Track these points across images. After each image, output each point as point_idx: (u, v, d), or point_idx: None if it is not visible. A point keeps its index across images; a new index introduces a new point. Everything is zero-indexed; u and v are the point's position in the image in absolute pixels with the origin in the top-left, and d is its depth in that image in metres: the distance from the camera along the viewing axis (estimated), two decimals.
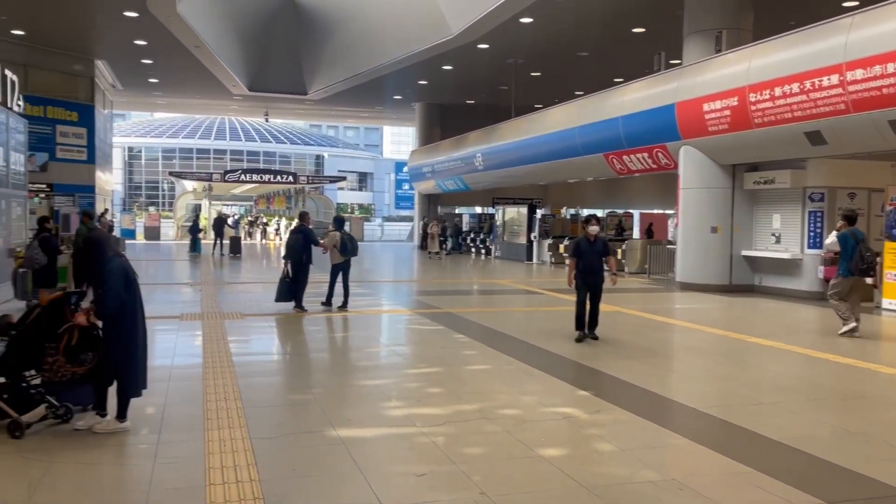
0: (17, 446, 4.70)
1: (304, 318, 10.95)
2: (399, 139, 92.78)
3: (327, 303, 11.64)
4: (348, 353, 8.58)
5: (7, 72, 12.17)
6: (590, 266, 8.96)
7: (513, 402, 6.13)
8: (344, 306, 11.57)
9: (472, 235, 29.91)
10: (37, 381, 5.13)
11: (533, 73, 24.56)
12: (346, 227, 12.74)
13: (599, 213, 25.73)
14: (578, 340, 8.88)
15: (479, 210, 36.22)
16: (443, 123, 32.86)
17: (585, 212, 23.48)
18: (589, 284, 8.98)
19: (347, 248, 11.44)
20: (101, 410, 5.10)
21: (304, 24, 25.53)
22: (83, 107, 25.01)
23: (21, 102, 13.16)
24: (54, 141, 24.24)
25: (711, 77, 14.24)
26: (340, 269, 11.62)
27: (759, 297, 14.40)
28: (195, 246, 25.25)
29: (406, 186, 45.25)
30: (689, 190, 15.48)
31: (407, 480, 4.32)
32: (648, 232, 25.47)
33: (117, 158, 58.97)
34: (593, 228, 9.01)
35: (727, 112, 13.73)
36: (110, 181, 30.73)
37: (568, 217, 27.01)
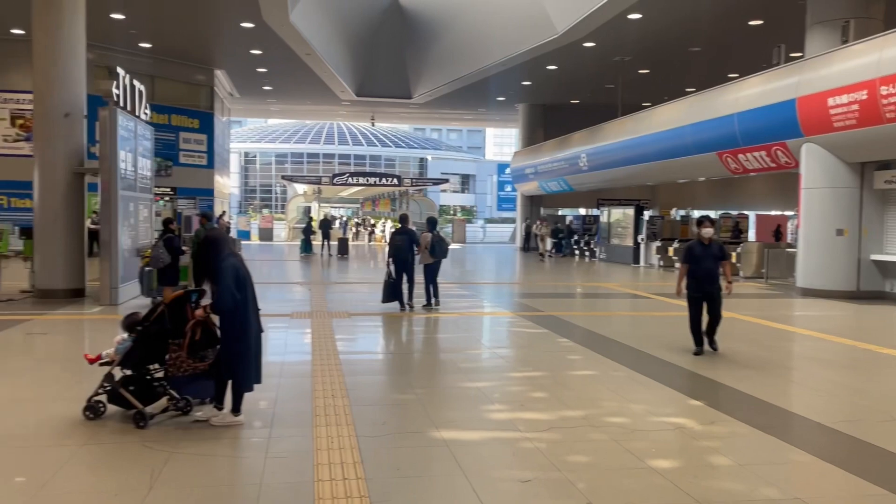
0: (141, 436, 4.97)
1: (408, 318, 11.09)
2: (501, 141, 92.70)
3: (428, 303, 11.90)
4: (451, 354, 8.59)
5: (136, 82, 13.01)
6: (705, 272, 8.24)
7: (620, 409, 5.92)
8: (428, 305, 11.87)
9: (574, 237, 29.40)
10: (160, 375, 5.41)
11: (641, 71, 23.86)
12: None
13: (712, 214, 24.62)
14: (697, 355, 8.24)
15: (582, 212, 35.58)
16: (546, 124, 32.52)
17: (697, 213, 22.56)
18: (704, 292, 8.26)
19: (436, 249, 11.75)
20: (218, 404, 5.33)
21: (409, 29, 25.93)
22: (204, 114, 26.49)
23: (148, 111, 14.04)
24: (177, 147, 25.79)
25: (837, 70, 13.32)
26: (431, 270, 11.92)
27: (892, 304, 13.33)
28: (307, 247, 26.10)
29: (508, 188, 45.11)
30: (812, 190, 14.54)
31: (511, 486, 4.25)
32: (776, 234, 24.09)
33: (234, 163, 62.04)
34: (707, 231, 8.35)
35: (855, 106, 12.79)
36: (228, 184, 32.32)
37: (677, 219, 26.02)
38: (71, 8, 12.50)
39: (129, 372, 5.34)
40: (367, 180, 40.30)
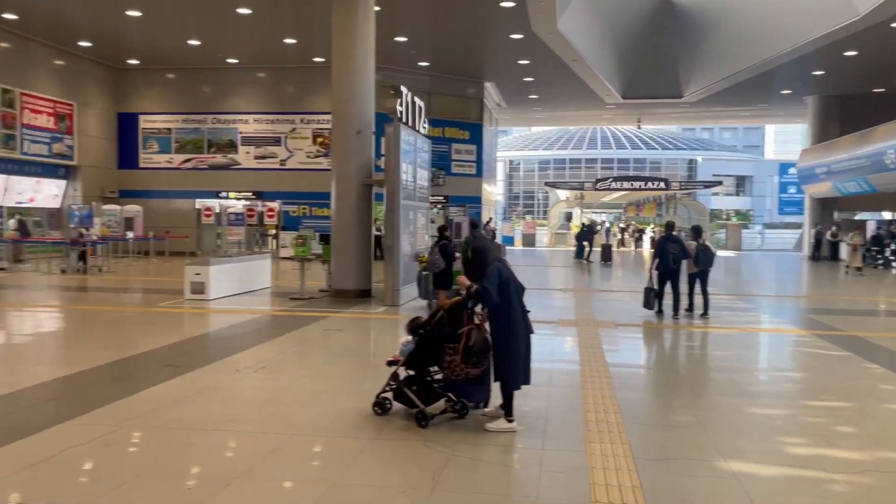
0: (423, 435, 5.19)
1: (680, 331, 10.44)
2: (785, 138, 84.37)
3: (689, 309, 11.63)
4: (732, 373, 7.84)
5: (416, 99, 13.97)
6: None
7: None
8: (690, 311, 11.50)
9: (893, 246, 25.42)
10: (439, 377, 5.63)
11: None
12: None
13: None
14: None
15: (887, 216, 30.88)
16: (842, 117, 28.81)
17: None
18: None
19: (700, 258, 11.45)
20: (508, 414, 5.41)
21: (681, 25, 24.63)
22: (473, 126, 27.78)
23: (426, 125, 15.00)
24: (450, 158, 27.35)
25: None
26: (696, 279, 11.58)
27: None
28: (580, 252, 25.87)
29: (792, 189, 40.79)
30: None
31: None
32: None
33: (500, 171, 64.32)
34: None
35: None
36: (494, 192, 33.53)
37: None
38: (363, 37, 13.79)
39: (412, 372, 5.63)
40: (632, 184, 39.18)
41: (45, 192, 23.75)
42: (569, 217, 41.24)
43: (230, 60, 24.77)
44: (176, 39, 21.94)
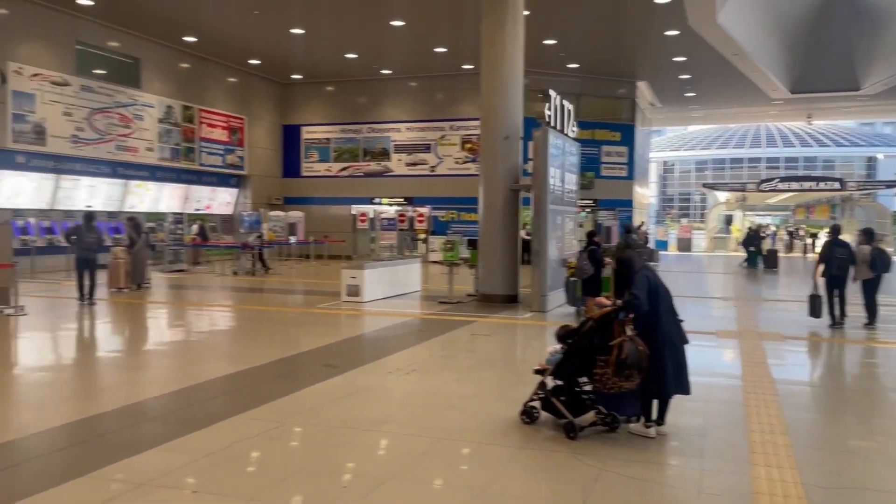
0: (572, 447, 5.07)
1: (852, 345, 9.53)
2: None
3: (870, 323, 10.65)
4: None
5: (565, 102, 13.78)
6: None
7: None
8: (870, 324, 10.58)
9: None
10: (588, 388, 5.48)
11: None
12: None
13: None
14: None
15: None
16: None
17: None
18: None
19: (877, 263, 10.51)
20: (658, 419, 5.35)
21: (857, 11, 22.57)
22: (625, 127, 27.02)
23: (575, 128, 14.75)
24: (599, 160, 26.76)
25: None
26: (871, 286, 10.67)
27: None
28: (754, 259, 24.23)
29: None
30: None
31: None
32: None
33: (652, 173, 62.08)
34: None
35: None
36: (646, 195, 32.41)
37: None
38: (512, 44, 13.80)
39: (559, 382, 5.53)
40: (801, 185, 36.41)
41: (220, 200, 25.89)
42: (728, 220, 39.00)
43: (384, 71, 25.76)
44: (334, 53, 23.13)
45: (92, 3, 18.05)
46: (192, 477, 4.46)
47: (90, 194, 20.43)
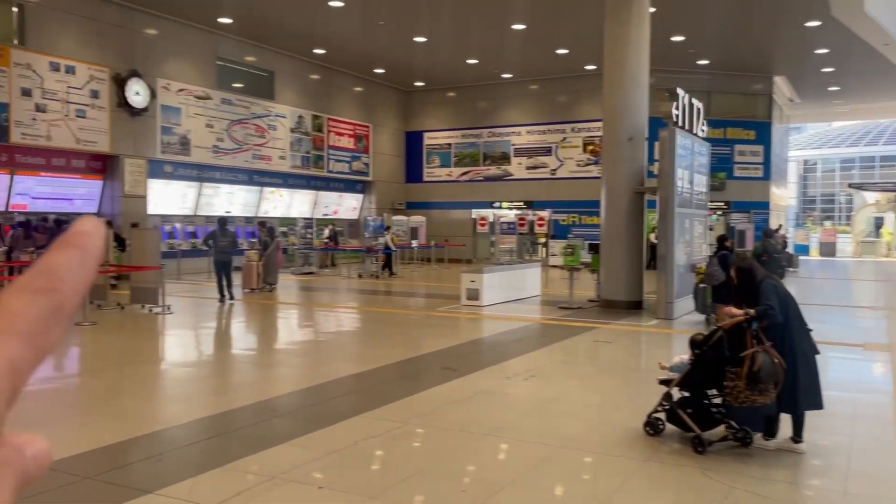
0: (700, 462, 4.84)
1: None
2: None
3: None
4: None
5: (694, 101, 13.22)
6: None
7: None
8: None
9: None
10: (718, 401, 5.21)
11: None
12: None
13: None
14: None
15: None
16: None
17: None
18: None
19: None
20: (791, 436, 5.07)
21: None
22: (760, 124, 25.58)
23: (704, 128, 14.12)
24: (731, 160, 25.48)
25: None
26: None
27: None
28: None
29: None
30: None
31: None
32: None
33: (791, 172, 58.38)
34: None
35: None
36: (784, 196, 30.53)
37: None
38: (636, 43, 13.43)
39: (686, 394, 5.29)
40: None
41: (346, 205, 26.87)
42: (879, 223, 35.96)
43: (504, 75, 25.77)
44: (455, 60, 23.41)
45: (231, 21, 19.26)
46: (319, 472, 4.64)
47: (229, 201, 21.81)
